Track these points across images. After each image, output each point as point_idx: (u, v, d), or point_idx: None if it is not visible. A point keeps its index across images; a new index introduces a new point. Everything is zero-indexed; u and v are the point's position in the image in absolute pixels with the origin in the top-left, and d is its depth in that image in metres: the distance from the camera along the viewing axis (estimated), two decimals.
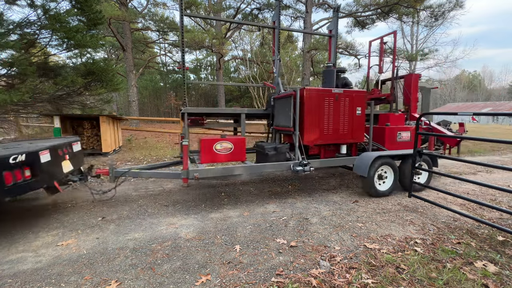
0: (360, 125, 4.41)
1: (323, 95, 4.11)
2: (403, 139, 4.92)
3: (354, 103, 4.33)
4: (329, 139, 4.25)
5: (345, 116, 4.30)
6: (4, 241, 3.03)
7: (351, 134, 4.37)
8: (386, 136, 4.80)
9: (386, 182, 4.27)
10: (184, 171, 3.65)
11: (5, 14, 6.14)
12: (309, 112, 4.05)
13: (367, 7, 13.11)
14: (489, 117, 34.31)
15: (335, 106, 4.19)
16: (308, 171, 3.81)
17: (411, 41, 26.08)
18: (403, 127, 4.96)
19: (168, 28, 15.94)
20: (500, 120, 33.20)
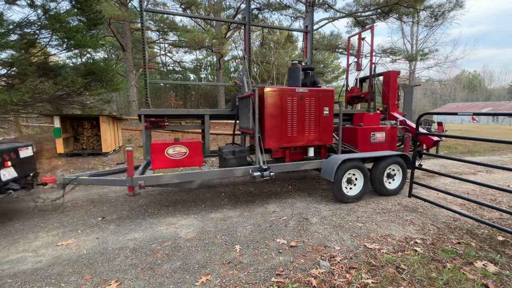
0: (328, 126, 4.16)
1: (285, 95, 3.83)
2: (377, 140, 4.65)
3: (321, 102, 4.06)
4: (294, 141, 3.97)
5: (311, 117, 4.03)
6: (4, 241, 3.03)
7: (319, 136, 4.11)
8: (358, 137, 4.51)
9: (355, 187, 4.05)
10: (128, 179, 3.30)
11: (5, 14, 6.15)
12: (270, 113, 3.78)
13: (367, 7, 13.11)
14: (489, 117, 34.31)
15: (299, 107, 3.92)
16: (268, 176, 3.60)
17: (411, 41, 26.10)
18: (377, 127, 4.68)
19: (168, 28, 15.94)
20: (500, 120, 33.20)
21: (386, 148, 4.67)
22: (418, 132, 3.69)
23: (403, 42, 26.41)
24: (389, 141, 4.75)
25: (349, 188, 4.02)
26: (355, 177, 4.05)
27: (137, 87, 14.84)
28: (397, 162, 4.24)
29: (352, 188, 4.04)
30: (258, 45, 19.08)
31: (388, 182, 4.28)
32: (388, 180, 4.29)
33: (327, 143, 4.26)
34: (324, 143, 4.23)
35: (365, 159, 4.13)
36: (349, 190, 4.01)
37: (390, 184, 4.31)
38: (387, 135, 4.73)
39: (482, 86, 55.98)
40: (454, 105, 43.79)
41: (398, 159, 4.23)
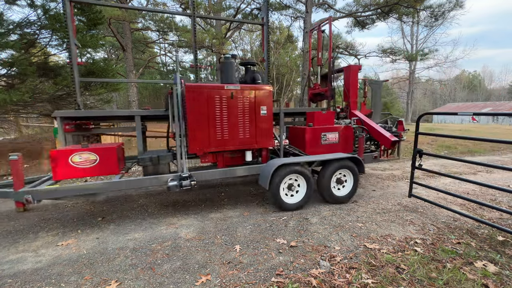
0: (267, 127, 3.77)
1: (212, 93, 3.42)
2: (329, 142, 4.26)
3: (257, 101, 3.66)
4: (225, 145, 3.57)
5: (246, 117, 3.62)
6: (4, 241, 3.03)
7: (256, 139, 3.71)
8: (306, 138, 4.12)
9: (297, 194, 3.74)
10: (14, 193, 2.88)
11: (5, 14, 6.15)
12: (194, 113, 3.36)
13: (367, 7, 13.10)
14: (489, 117, 34.31)
15: (230, 106, 3.53)
16: (189, 186, 3.23)
17: (411, 41, 26.10)
18: (329, 127, 4.29)
19: (168, 28, 15.94)
20: (500, 120, 33.19)
21: (339, 150, 4.31)
22: (418, 132, 3.67)
23: (403, 42, 26.46)
24: (344, 143, 4.39)
25: (290, 196, 3.70)
26: (297, 184, 3.73)
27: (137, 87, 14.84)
28: (347, 166, 3.87)
29: (293, 195, 3.71)
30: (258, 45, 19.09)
31: (337, 188, 3.93)
32: (338, 186, 3.94)
33: (267, 146, 3.85)
34: (263, 146, 3.82)
35: (308, 163, 3.80)
36: (290, 198, 3.69)
37: (339, 190, 3.95)
38: (341, 135, 4.35)
39: (482, 86, 56.00)
40: (454, 105, 43.80)
41: (347, 163, 3.87)
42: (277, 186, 3.52)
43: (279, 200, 3.58)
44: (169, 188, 3.16)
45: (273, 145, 3.91)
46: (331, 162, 3.82)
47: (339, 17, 13.86)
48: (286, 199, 3.65)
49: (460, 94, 51.66)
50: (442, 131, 15.41)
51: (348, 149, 4.43)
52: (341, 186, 3.97)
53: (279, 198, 3.57)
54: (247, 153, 3.85)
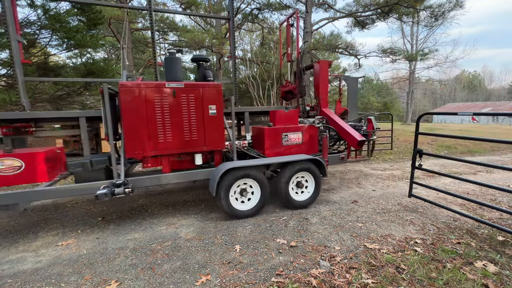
0: (217, 127, 3.50)
1: (151, 92, 3.14)
2: (291, 142, 4.02)
3: (205, 100, 3.39)
4: (168, 148, 3.29)
5: (192, 117, 3.35)
6: (4, 241, 3.03)
7: (204, 140, 3.45)
8: (265, 139, 3.88)
9: (250, 200, 3.51)
10: None
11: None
12: (130, 114, 3.07)
13: (367, 7, 13.10)
14: (489, 117, 34.30)
15: (173, 105, 3.24)
16: (122, 194, 2.95)
17: (411, 41, 26.10)
18: (290, 127, 4.05)
19: (168, 28, 15.94)
20: (500, 120, 33.19)
21: (303, 151, 4.08)
22: (418, 132, 3.67)
23: (403, 42, 26.45)
24: (308, 143, 4.15)
25: (240, 202, 3.47)
26: (251, 189, 3.51)
27: None
28: (307, 169, 3.67)
29: (244, 202, 3.49)
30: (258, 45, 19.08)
31: (295, 192, 3.74)
32: (298, 190, 3.76)
33: (219, 148, 3.58)
34: (213, 149, 3.55)
35: (265, 166, 3.61)
36: (242, 204, 3.47)
37: (299, 195, 3.77)
38: (305, 135, 4.11)
39: (482, 86, 56.00)
40: (454, 105, 43.81)
41: (307, 165, 3.66)
42: (226, 192, 3.29)
43: (229, 207, 3.34)
44: (96, 197, 2.86)
45: (224, 147, 3.63)
46: (289, 164, 3.61)
47: (339, 17, 13.86)
48: (237, 206, 3.41)
49: (460, 94, 51.66)
50: (442, 131, 15.41)
51: (313, 150, 4.21)
52: (302, 190, 3.78)
53: (229, 205, 3.34)
54: (197, 156, 3.54)
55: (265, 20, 16.23)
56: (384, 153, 8.18)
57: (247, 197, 3.50)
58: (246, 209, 3.45)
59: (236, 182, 3.37)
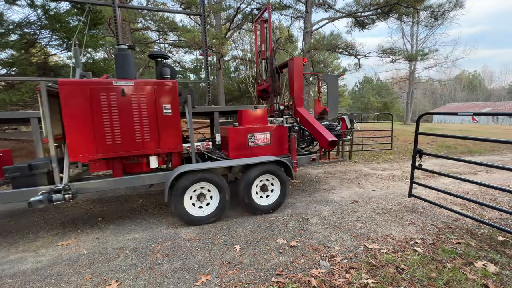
0: (173, 128, 3.28)
1: (95, 90, 2.90)
2: (258, 143, 3.83)
3: (158, 99, 3.18)
4: (117, 151, 3.06)
5: (144, 117, 3.14)
6: (4, 241, 3.03)
7: (158, 142, 3.23)
8: (229, 140, 3.72)
9: (208, 205, 3.33)
10: None
11: (5, 14, 6.15)
12: (72, 114, 2.86)
13: (367, 7, 13.10)
14: (489, 117, 34.30)
15: (122, 105, 3.02)
16: (61, 200, 2.76)
17: (411, 41, 26.09)
18: (257, 127, 3.85)
19: (168, 28, 15.94)
20: (500, 120, 33.20)
21: (272, 153, 3.91)
22: (418, 132, 3.67)
23: (403, 42, 26.42)
24: (277, 144, 3.99)
25: (198, 207, 3.29)
26: (211, 194, 3.34)
27: None
28: (271, 172, 3.51)
29: (202, 207, 3.31)
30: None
31: (260, 196, 3.58)
32: (262, 194, 3.60)
33: (175, 150, 3.37)
34: (169, 151, 3.34)
35: (221, 169, 3.45)
36: (199, 210, 3.28)
37: (264, 199, 3.60)
38: (273, 136, 3.93)
39: (482, 86, 56.00)
40: (454, 105, 43.80)
41: (272, 167, 3.51)
42: (180, 196, 3.12)
43: (184, 213, 3.17)
44: (30, 204, 2.63)
45: (181, 149, 3.41)
46: (252, 167, 3.44)
47: (339, 17, 13.86)
48: (193, 212, 3.24)
49: (460, 94, 51.66)
50: (442, 131, 15.41)
51: (283, 151, 4.05)
52: (267, 194, 3.62)
53: (183, 210, 3.16)
54: (152, 158, 3.34)
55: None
56: (384, 153, 8.18)
57: (205, 202, 3.32)
58: (204, 215, 3.26)
59: (191, 187, 3.18)
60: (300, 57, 4.50)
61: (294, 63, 4.43)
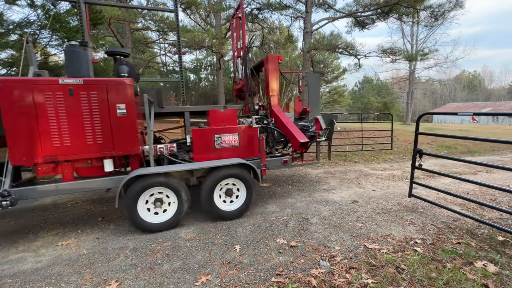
0: (128, 129, 3.09)
1: (39, 89, 2.72)
2: (226, 145, 3.68)
3: (111, 98, 2.98)
4: (67, 153, 2.88)
5: (95, 118, 2.94)
6: (4, 241, 3.03)
7: (113, 144, 3.04)
8: (192, 142, 3.58)
9: (166, 212, 3.17)
10: None
11: (5, 14, 6.15)
12: (13, 115, 2.67)
13: (367, 7, 13.10)
14: (489, 117, 34.30)
15: (71, 105, 2.84)
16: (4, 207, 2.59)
17: (411, 41, 26.08)
18: (225, 128, 3.69)
19: (168, 28, 15.95)
20: (500, 120, 33.20)
21: (241, 155, 3.75)
22: (418, 132, 3.67)
23: (403, 42, 26.40)
24: (246, 146, 3.82)
25: (153, 213, 3.12)
26: (168, 200, 3.17)
27: None
28: (235, 175, 3.36)
29: (159, 213, 3.14)
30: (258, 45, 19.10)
31: (223, 201, 3.43)
32: (227, 198, 3.45)
33: (132, 153, 3.16)
34: (125, 153, 3.14)
35: (181, 173, 3.27)
36: (155, 216, 3.12)
37: (228, 204, 3.45)
38: (242, 137, 3.77)
39: (482, 86, 56.00)
40: (454, 105, 43.81)
41: (236, 171, 3.36)
42: (133, 202, 2.96)
43: (137, 220, 3.00)
44: None
45: (138, 151, 3.19)
46: (214, 170, 3.31)
47: (339, 17, 13.86)
48: (148, 218, 3.06)
49: (460, 94, 51.66)
50: (442, 131, 15.41)
51: (253, 153, 3.87)
52: (231, 199, 3.47)
53: (136, 217, 2.99)
54: (106, 162, 3.15)
55: (265, 20, 16.24)
56: (384, 153, 8.18)
57: (163, 208, 3.16)
58: (160, 222, 3.11)
59: (146, 192, 3.02)
60: (275, 55, 4.31)
61: (269, 61, 4.22)
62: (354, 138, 10.25)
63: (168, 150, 3.60)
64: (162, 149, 3.57)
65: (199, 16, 15.79)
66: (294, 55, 21.17)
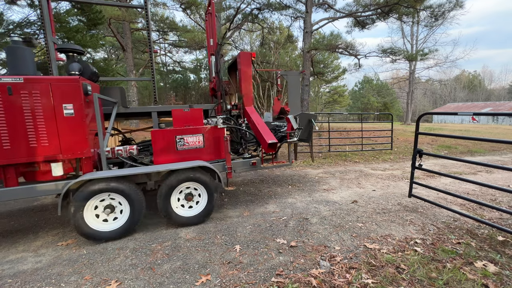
0: (77, 131, 2.88)
1: None
2: (189, 146, 3.49)
3: (57, 98, 2.78)
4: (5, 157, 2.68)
5: (38, 119, 2.75)
6: (4, 241, 3.03)
7: (59, 147, 2.82)
8: (153, 144, 3.38)
9: (117, 219, 2.97)
10: None
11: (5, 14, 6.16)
12: None
13: (367, 7, 13.10)
14: (489, 117, 34.30)
15: (9, 105, 2.64)
16: None
17: (411, 41, 26.10)
18: (187, 128, 3.50)
19: (168, 28, 15.97)
20: (500, 120, 33.20)
21: (207, 157, 3.60)
22: (418, 132, 3.67)
23: (403, 42, 26.44)
24: (212, 147, 3.64)
25: (102, 220, 2.90)
26: (121, 206, 2.97)
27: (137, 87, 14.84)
28: (195, 179, 3.19)
29: (108, 221, 2.93)
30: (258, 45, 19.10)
31: (181, 205, 3.25)
32: (187, 204, 3.28)
33: (82, 156, 2.95)
34: (74, 156, 2.92)
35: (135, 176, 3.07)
36: (105, 224, 2.91)
37: (187, 210, 3.27)
38: (207, 138, 3.59)
39: (482, 86, 55.99)
40: (454, 105, 43.80)
41: (195, 174, 3.18)
42: (78, 208, 2.76)
43: (85, 228, 2.79)
44: None
45: (89, 153, 2.98)
46: (172, 174, 3.14)
47: (339, 17, 13.86)
48: (98, 226, 2.87)
49: (460, 94, 51.64)
50: (442, 131, 15.42)
51: (220, 155, 3.72)
52: (190, 204, 3.29)
53: (83, 224, 2.78)
54: (54, 166, 2.92)
55: (265, 20, 16.23)
56: (384, 153, 8.18)
57: (114, 215, 2.97)
58: (109, 230, 2.91)
59: (94, 197, 2.83)
60: (248, 52, 4.08)
61: (240, 59, 4.00)
62: (354, 138, 10.25)
63: (127, 153, 3.40)
64: (120, 152, 3.35)
65: (199, 16, 15.79)
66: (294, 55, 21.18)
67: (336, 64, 24.25)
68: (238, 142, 4.21)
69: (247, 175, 5.81)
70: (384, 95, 40.08)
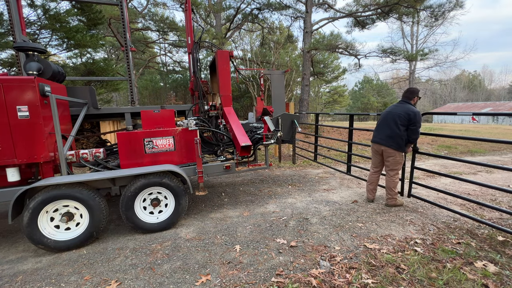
0: (32, 134, 2.73)
1: None
2: (159, 149, 3.32)
3: (10, 99, 2.63)
4: None
5: None
6: (4, 241, 3.03)
7: (13, 151, 2.68)
8: (119, 147, 3.18)
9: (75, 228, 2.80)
10: None
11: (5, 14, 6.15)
12: None
13: (367, 7, 13.10)
14: (489, 117, 34.29)
15: None
16: None
17: (411, 41, 26.11)
18: (157, 131, 3.32)
19: (168, 28, 15.95)
20: (500, 120, 33.19)
21: (178, 160, 3.46)
22: None
23: (403, 42, 26.45)
24: (184, 150, 3.48)
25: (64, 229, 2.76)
26: (80, 213, 2.81)
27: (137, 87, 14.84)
28: (160, 184, 3.03)
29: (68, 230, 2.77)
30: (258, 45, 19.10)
31: (145, 209, 3.10)
32: (154, 210, 3.14)
33: (38, 160, 2.79)
34: (29, 161, 2.76)
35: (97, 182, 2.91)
36: (63, 233, 2.74)
37: (153, 216, 3.12)
38: (178, 141, 3.43)
39: (482, 86, 55.99)
40: (454, 105, 43.79)
41: (161, 179, 3.02)
42: (32, 216, 2.59)
43: (40, 237, 2.62)
44: None
45: (47, 157, 2.84)
46: (136, 179, 2.99)
47: (339, 17, 13.86)
48: (54, 235, 2.70)
49: (460, 94, 51.63)
50: (442, 131, 15.41)
51: (192, 158, 3.56)
52: (157, 210, 3.16)
53: (37, 234, 2.61)
54: (9, 171, 2.79)
55: (265, 20, 16.24)
56: None
57: (74, 223, 2.81)
58: (68, 238, 2.74)
59: (49, 205, 2.67)
60: (225, 50, 3.93)
61: (218, 57, 3.84)
62: (354, 138, 10.24)
63: (93, 156, 3.26)
64: (85, 155, 3.22)
65: (199, 16, 15.79)
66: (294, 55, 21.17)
67: (336, 64, 24.24)
68: (217, 144, 4.07)
69: (247, 175, 5.81)
70: (384, 95, 40.08)
